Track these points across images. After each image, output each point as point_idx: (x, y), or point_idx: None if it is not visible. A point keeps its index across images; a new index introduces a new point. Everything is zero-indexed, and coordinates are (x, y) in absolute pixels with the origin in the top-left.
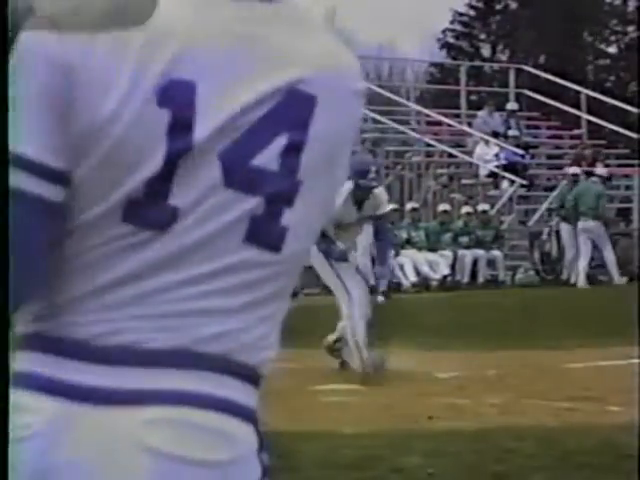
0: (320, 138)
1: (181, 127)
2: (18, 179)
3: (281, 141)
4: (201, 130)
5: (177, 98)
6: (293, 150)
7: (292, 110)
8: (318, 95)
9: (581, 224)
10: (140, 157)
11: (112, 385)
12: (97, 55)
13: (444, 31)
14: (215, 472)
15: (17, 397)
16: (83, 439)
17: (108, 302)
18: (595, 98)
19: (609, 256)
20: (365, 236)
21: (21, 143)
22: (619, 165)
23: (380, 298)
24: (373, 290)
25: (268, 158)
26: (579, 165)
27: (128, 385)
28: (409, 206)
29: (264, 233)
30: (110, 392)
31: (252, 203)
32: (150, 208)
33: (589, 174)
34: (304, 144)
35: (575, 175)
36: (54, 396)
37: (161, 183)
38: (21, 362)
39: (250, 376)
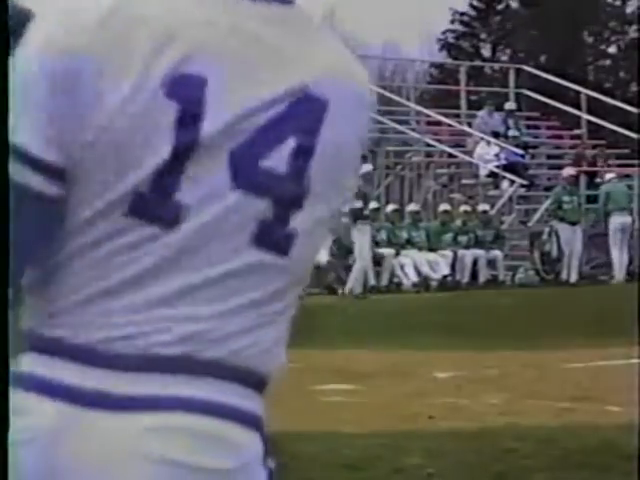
0: (330, 144)
1: (189, 121)
2: (15, 171)
3: (291, 144)
4: (209, 125)
5: (187, 92)
6: (303, 154)
7: (303, 113)
8: (330, 100)
9: (613, 220)
10: (147, 149)
11: (113, 390)
12: (103, 49)
13: (444, 31)
14: (213, 478)
15: (18, 399)
16: (82, 444)
17: (112, 306)
18: (595, 98)
19: (621, 255)
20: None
21: (19, 136)
22: (619, 165)
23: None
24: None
25: (277, 160)
26: (579, 165)
27: (129, 390)
28: (410, 208)
29: (273, 237)
30: (111, 397)
31: (260, 205)
32: (156, 203)
33: (592, 175)
34: (314, 148)
35: (573, 177)
36: (55, 398)
37: (168, 177)
38: (23, 363)
39: (255, 382)
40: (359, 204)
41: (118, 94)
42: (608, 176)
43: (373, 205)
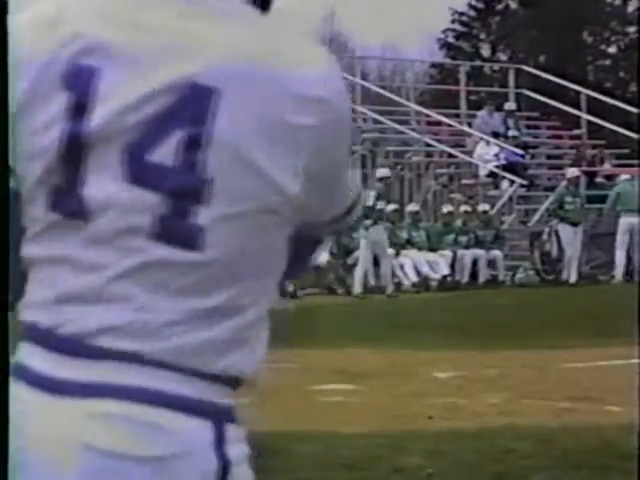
0: (230, 133)
1: (80, 111)
2: None
3: (178, 135)
4: (98, 117)
5: (80, 82)
6: (192, 145)
7: (191, 104)
8: (224, 89)
9: (622, 221)
10: (47, 139)
11: (65, 375)
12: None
13: (444, 31)
14: (147, 467)
15: None
16: (34, 427)
17: (58, 293)
18: (595, 98)
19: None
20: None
21: None
22: (619, 165)
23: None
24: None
25: (166, 153)
26: (579, 165)
27: (77, 377)
28: (410, 208)
29: (174, 232)
30: (62, 382)
31: (155, 200)
32: (68, 196)
33: (592, 175)
34: (204, 139)
35: (577, 177)
36: (19, 380)
37: (71, 170)
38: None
39: (203, 373)
40: (380, 205)
41: (26, 87)
42: (623, 177)
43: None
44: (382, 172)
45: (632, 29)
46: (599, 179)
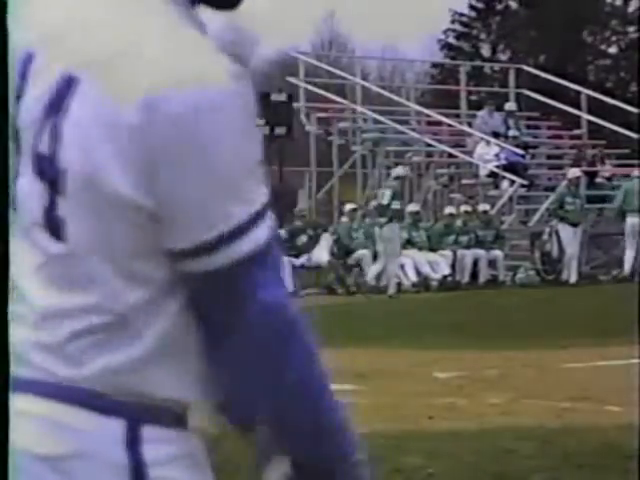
0: (78, 125)
1: (18, 98)
2: None
3: (49, 125)
4: (24, 104)
5: (19, 66)
6: (55, 134)
7: (62, 94)
8: (83, 79)
9: (630, 220)
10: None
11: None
12: None
13: (444, 31)
14: (46, 464)
15: None
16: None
17: None
18: (595, 98)
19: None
20: None
21: None
22: (619, 165)
23: None
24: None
25: (44, 143)
26: (579, 165)
27: (20, 372)
28: (410, 208)
29: (48, 221)
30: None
31: (40, 189)
32: (14, 185)
33: (592, 175)
34: (60, 128)
35: (577, 178)
36: None
37: (14, 162)
38: None
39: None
40: (396, 204)
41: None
42: (635, 173)
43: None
44: (398, 171)
45: (632, 29)
46: (599, 179)
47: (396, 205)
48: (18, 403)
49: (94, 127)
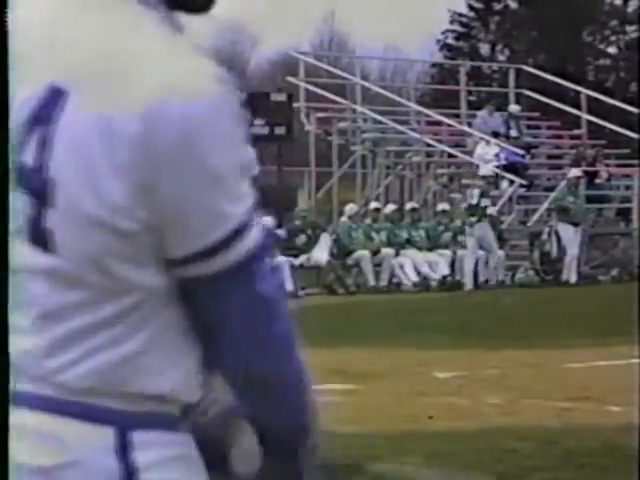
0: (70, 136)
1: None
2: None
3: (36, 135)
4: (14, 115)
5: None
6: (43, 144)
7: (48, 104)
8: (72, 90)
9: None
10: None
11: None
12: None
13: (444, 32)
14: (37, 478)
15: None
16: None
17: None
18: (595, 98)
19: None
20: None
21: None
22: (619, 165)
23: None
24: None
25: (28, 153)
26: (579, 165)
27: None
28: (409, 206)
29: (34, 233)
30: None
31: (24, 200)
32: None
33: (592, 175)
34: (49, 139)
35: (577, 178)
36: None
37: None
38: None
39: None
40: (485, 202)
41: None
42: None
43: (373, 205)
44: (485, 170)
45: (632, 29)
46: (599, 179)
47: (485, 203)
48: (15, 417)
49: (88, 138)
